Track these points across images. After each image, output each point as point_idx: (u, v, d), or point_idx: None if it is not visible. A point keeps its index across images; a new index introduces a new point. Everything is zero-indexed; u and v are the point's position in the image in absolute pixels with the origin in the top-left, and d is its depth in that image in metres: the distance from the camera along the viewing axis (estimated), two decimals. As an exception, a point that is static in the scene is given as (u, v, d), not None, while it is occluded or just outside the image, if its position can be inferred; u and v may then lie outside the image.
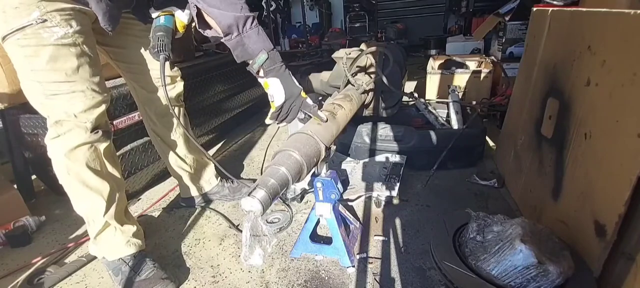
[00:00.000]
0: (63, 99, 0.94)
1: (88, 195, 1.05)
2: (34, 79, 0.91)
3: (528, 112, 1.36)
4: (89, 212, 1.08)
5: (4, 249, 1.40)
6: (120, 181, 1.14)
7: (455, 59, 2.58)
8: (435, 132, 1.71)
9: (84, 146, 1.00)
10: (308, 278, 1.12)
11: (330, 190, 1.09)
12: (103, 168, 1.07)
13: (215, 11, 0.91)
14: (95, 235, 1.11)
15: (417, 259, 1.15)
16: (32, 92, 0.95)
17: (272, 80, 1.01)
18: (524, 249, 0.83)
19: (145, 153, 1.73)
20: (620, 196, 0.79)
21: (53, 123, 0.98)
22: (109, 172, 1.09)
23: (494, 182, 1.54)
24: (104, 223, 1.09)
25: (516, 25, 2.41)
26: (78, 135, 0.99)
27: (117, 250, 1.13)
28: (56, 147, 0.99)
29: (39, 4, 0.85)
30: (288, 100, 1.02)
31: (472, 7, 4.73)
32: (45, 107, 0.96)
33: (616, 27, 0.86)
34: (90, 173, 1.03)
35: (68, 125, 0.97)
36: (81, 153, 1.00)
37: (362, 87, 1.51)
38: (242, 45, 0.96)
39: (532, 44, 1.41)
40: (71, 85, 0.94)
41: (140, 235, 1.20)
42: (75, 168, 1.01)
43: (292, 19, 6.72)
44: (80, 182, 1.03)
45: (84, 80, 0.96)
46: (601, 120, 0.89)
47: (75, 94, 0.95)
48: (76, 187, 1.03)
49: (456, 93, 2.10)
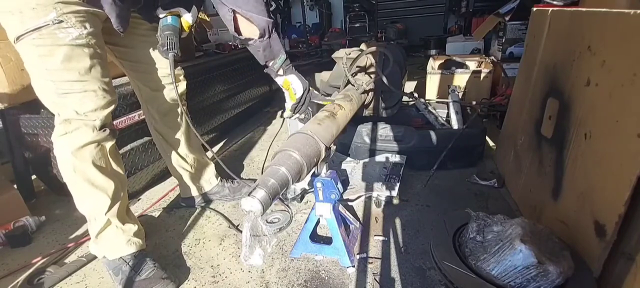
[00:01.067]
0: (75, 97, 0.97)
1: (93, 193, 1.06)
2: (48, 78, 0.94)
3: (528, 112, 1.36)
4: (92, 210, 1.09)
5: (4, 249, 1.40)
6: (123, 179, 1.15)
7: (455, 59, 2.59)
8: (435, 132, 1.71)
9: (91, 144, 1.02)
10: (308, 278, 1.12)
11: (330, 190, 1.09)
12: (108, 166, 1.09)
13: (255, 16, 1.06)
14: (96, 234, 1.11)
15: (417, 259, 1.15)
16: (44, 91, 0.97)
17: (292, 77, 1.24)
18: (524, 249, 0.83)
19: (146, 153, 1.73)
20: (620, 196, 0.79)
21: (62, 121, 0.99)
22: (114, 170, 1.11)
23: (494, 182, 1.54)
24: (106, 221, 1.10)
25: (516, 25, 2.41)
26: (86, 133, 1.01)
27: (118, 249, 1.13)
28: (63, 144, 1.01)
29: (56, 6, 0.88)
30: (304, 92, 1.26)
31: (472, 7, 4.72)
32: (57, 105, 0.99)
33: (616, 27, 0.86)
34: (96, 171, 1.04)
35: (76, 124, 0.99)
36: (88, 151, 1.02)
37: (362, 87, 1.51)
38: (270, 47, 1.15)
39: (532, 44, 1.41)
40: (83, 85, 0.97)
41: (141, 234, 1.20)
42: (82, 166, 1.02)
43: (292, 19, 6.72)
44: (85, 180, 1.04)
45: (96, 80, 0.99)
46: (601, 120, 0.89)
47: (87, 93, 0.98)
48: (81, 185, 1.05)
49: (456, 93, 2.10)
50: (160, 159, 1.78)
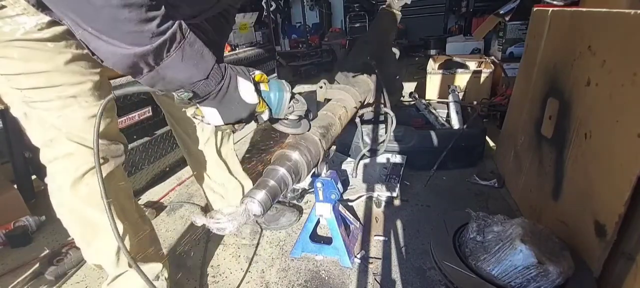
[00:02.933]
0: (50, 107, 0.72)
1: (97, 237, 0.85)
2: (9, 85, 0.70)
3: (528, 112, 1.36)
4: (100, 260, 0.90)
5: (4, 249, 1.40)
6: (138, 213, 0.95)
7: (456, 59, 2.59)
8: (436, 132, 1.71)
9: (91, 171, 0.79)
10: (308, 278, 1.12)
11: (330, 190, 1.09)
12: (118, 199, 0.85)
13: (101, 47, 0.53)
14: (109, 282, 0.94)
15: (417, 259, 1.15)
16: (10, 106, 0.75)
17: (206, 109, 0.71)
18: (524, 249, 0.83)
19: (146, 153, 1.73)
20: (620, 196, 0.79)
21: (45, 142, 0.76)
22: (125, 205, 0.89)
23: (494, 182, 1.54)
24: (118, 273, 0.92)
25: (516, 25, 2.41)
26: (82, 157, 0.77)
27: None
28: (58, 175, 0.78)
29: None
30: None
31: (472, 7, 4.72)
32: (30, 122, 0.75)
33: (616, 27, 0.86)
34: (101, 212, 0.78)
35: (65, 145, 0.75)
36: (84, 185, 0.79)
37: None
38: (162, 79, 0.61)
39: (532, 44, 1.41)
40: (57, 91, 0.72)
41: (165, 272, 1.01)
42: (80, 206, 0.80)
43: (292, 19, 6.71)
44: (86, 223, 0.83)
45: (76, 83, 0.74)
46: (601, 120, 0.89)
47: (65, 100, 0.73)
48: (81, 228, 0.84)
49: (456, 93, 2.10)
50: (160, 159, 1.78)
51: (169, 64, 0.58)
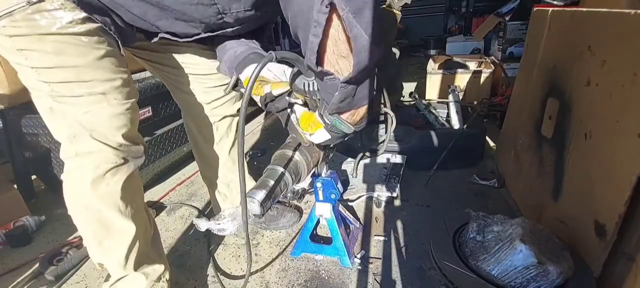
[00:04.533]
0: (78, 103, 0.73)
1: (109, 237, 0.85)
2: (37, 78, 0.70)
3: (528, 112, 1.36)
4: (106, 260, 0.90)
5: (4, 249, 1.40)
6: (147, 215, 0.95)
7: (456, 59, 2.59)
8: (435, 132, 1.71)
9: (112, 171, 0.79)
10: (308, 278, 1.12)
11: (330, 190, 1.09)
12: (133, 201, 0.86)
13: (360, 33, 0.56)
14: (112, 283, 0.93)
15: (417, 259, 1.15)
16: (35, 99, 0.75)
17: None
18: (524, 249, 0.83)
19: (146, 152, 1.72)
20: (620, 196, 0.79)
21: (69, 137, 0.76)
22: (138, 205, 0.89)
23: (494, 182, 1.54)
24: (123, 275, 0.92)
25: (516, 25, 2.41)
26: (102, 155, 0.77)
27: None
28: (77, 171, 0.78)
29: None
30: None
31: (472, 7, 4.72)
32: (55, 116, 0.75)
33: (616, 27, 0.86)
34: (117, 213, 0.82)
35: (88, 143, 0.76)
36: (105, 184, 0.79)
37: None
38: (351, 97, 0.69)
39: (532, 44, 1.41)
40: (88, 86, 0.73)
41: (167, 275, 1.01)
42: (98, 204, 0.80)
43: (292, 19, 6.71)
44: (100, 222, 0.83)
45: (105, 80, 0.74)
46: (601, 120, 0.89)
47: (94, 97, 0.74)
48: (95, 226, 0.83)
49: (456, 93, 2.10)
50: (160, 159, 1.77)
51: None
